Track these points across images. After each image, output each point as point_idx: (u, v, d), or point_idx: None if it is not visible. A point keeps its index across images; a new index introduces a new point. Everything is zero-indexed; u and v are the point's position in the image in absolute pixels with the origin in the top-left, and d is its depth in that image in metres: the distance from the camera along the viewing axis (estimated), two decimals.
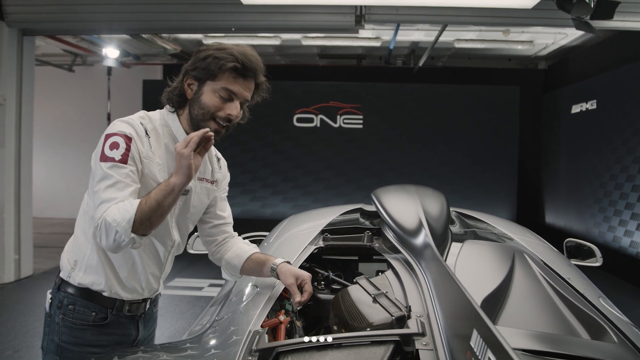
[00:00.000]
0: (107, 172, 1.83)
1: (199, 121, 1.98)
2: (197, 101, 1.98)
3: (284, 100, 11.46)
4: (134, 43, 10.58)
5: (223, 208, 2.38)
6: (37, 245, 8.21)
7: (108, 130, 1.91)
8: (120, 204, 1.79)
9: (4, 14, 7.04)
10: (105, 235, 1.79)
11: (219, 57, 1.92)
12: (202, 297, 6.72)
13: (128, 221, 1.76)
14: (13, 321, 5.73)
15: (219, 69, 1.92)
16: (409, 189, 2.87)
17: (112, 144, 1.85)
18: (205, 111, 1.96)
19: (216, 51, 1.94)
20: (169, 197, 1.83)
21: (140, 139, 1.92)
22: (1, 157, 7.20)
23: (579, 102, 9.78)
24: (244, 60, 1.94)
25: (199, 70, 1.95)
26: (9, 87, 7.20)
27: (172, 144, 2.03)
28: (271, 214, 11.44)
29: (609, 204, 8.54)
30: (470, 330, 1.37)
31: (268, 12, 6.76)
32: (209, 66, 1.93)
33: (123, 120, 1.94)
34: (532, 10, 5.93)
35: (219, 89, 1.95)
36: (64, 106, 13.31)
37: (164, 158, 2.01)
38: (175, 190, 1.83)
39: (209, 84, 1.95)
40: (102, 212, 1.79)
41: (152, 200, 1.80)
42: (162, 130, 2.03)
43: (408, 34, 9.60)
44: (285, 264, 2.16)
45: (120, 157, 1.84)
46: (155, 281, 2.18)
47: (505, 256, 2.18)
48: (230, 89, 1.95)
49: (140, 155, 1.91)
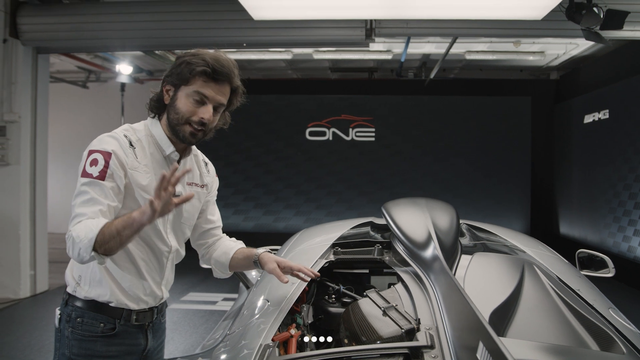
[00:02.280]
0: (84, 188, 1.90)
1: (175, 125, 2.05)
2: (173, 106, 2.04)
3: (297, 114, 11.51)
4: (147, 59, 10.68)
5: (213, 212, 2.44)
6: (53, 261, 8.25)
7: (92, 145, 1.98)
8: (88, 222, 1.83)
9: (18, 32, 7.14)
10: (71, 248, 1.84)
11: (190, 63, 1.98)
12: (215, 311, 6.73)
13: (89, 240, 1.79)
14: (28, 336, 5.77)
15: (189, 73, 1.98)
16: (419, 202, 2.88)
17: (92, 161, 1.92)
18: (180, 116, 2.02)
19: (190, 57, 2.00)
20: (128, 230, 1.82)
21: (124, 151, 1.98)
22: (17, 174, 7.28)
23: (591, 112, 9.75)
24: (214, 65, 1.98)
25: (174, 76, 2.02)
26: (24, 105, 7.29)
27: (157, 153, 2.11)
28: (284, 228, 11.45)
29: (623, 214, 8.49)
30: (476, 342, 1.38)
31: (279, 28, 6.81)
32: (182, 71, 1.99)
33: (107, 134, 2.02)
34: (542, 22, 5.93)
35: (192, 92, 2.00)
36: (78, 122, 13.39)
37: (151, 166, 2.07)
38: (134, 225, 1.81)
39: (183, 89, 2.01)
40: (72, 225, 1.85)
41: (113, 227, 1.82)
42: (147, 140, 2.10)
43: (419, 47, 9.62)
44: (267, 253, 2.25)
45: (98, 173, 1.90)
46: (157, 288, 2.20)
47: (515, 268, 2.19)
48: (202, 92, 2.00)
49: (125, 167, 1.96)
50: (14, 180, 7.29)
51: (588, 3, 5.41)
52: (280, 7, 5.88)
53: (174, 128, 2.06)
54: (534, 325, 1.81)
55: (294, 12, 6.07)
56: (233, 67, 2.06)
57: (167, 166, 2.12)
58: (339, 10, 6.01)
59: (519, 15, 5.89)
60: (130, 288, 2.09)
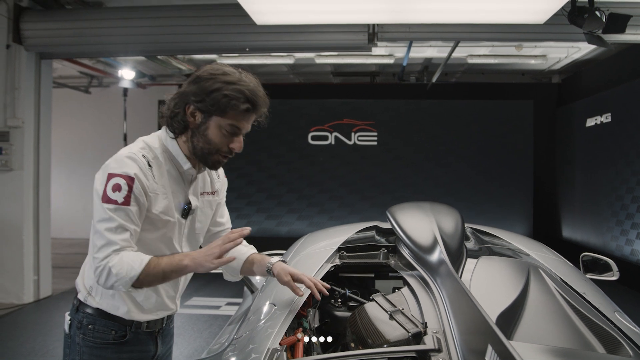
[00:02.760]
0: (109, 214, 1.85)
1: (204, 154, 2.01)
2: (203, 135, 1.98)
3: (299, 118, 11.51)
4: (150, 64, 10.69)
5: (222, 214, 2.43)
6: (56, 266, 8.27)
7: (110, 167, 1.92)
8: (128, 258, 1.84)
9: (21, 38, 7.16)
10: (104, 278, 1.85)
11: (229, 96, 1.90)
12: (219, 316, 6.73)
13: (131, 278, 1.82)
14: (32, 341, 5.78)
15: (227, 106, 1.92)
16: (424, 206, 2.89)
17: (115, 186, 1.87)
18: (212, 146, 1.99)
19: (224, 85, 1.91)
20: (176, 274, 1.91)
21: (145, 174, 1.93)
22: (20, 179, 7.29)
23: (593, 116, 9.75)
24: (255, 99, 1.94)
25: (206, 104, 1.93)
26: (27, 110, 7.31)
27: (173, 169, 2.07)
28: (287, 232, 11.45)
29: (626, 217, 8.49)
30: (485, 345, 1.39)
31: (281, 32, 6.82)
32: (219, 103, 1.91)
33: (126, 155, 1.93)
34: (544, 26, 5.94)
35: (227, 125, 1.95)
36: (80, 127, 13.43)
37: (167, 185, 2.04)
38: (184, 272, 1.92)
39: (216, 119, 1.95)
40: (105, 255, 1.84)
41: (160, 269, 1.86)
42: (163, 157, 2.04)
43: (421, 51, 9.62)
44: (280, 262, 2.23)
45: (123, 199, 1.86)
46: (171, 302, 2.22)
47: (520, 272, 2.20)
48: (238, 126, 1.97)
49: (146, 191, 1.93)
50: (18, 186, 7.30)
51: (590, 7, 5.41)
52: (283, 11, 5.89)
53: (202, 156, 2.03)
54: (541, 329, 1.82)
55: (297, 16, 6.08)
56: (266, 97, 2.02)
57: (184, 181, 2.11)
58: (342, 14, 6.01)
59: (522, 19, 5.90)
60: (143, 302, 2.09)
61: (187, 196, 2.12)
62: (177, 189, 2.07)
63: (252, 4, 5.61)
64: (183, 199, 2.10)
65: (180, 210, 2.09)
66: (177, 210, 2.08)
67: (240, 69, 2.02)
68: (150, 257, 1.87)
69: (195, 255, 1.90)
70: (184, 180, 2.11)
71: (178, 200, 2.08)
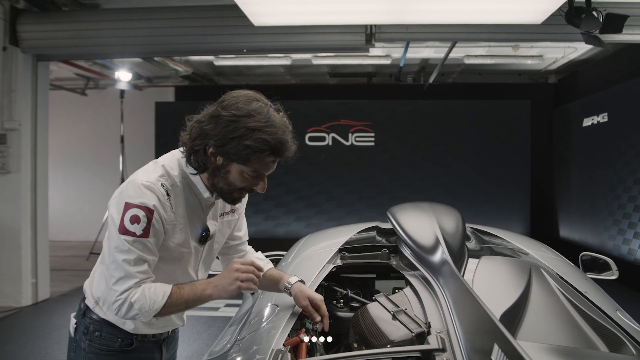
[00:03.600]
0: (127, 246, 1.80)
1: (224, 193, 1.94)
2: (224, 178, 1.89)
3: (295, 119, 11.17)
4: (146, 66, 10.69)
5: (239, 227, 2.38)
6: (54, 269, 8.26)
7: (129, 197, 1.83)
8: (150, 292, 1.82)
9: (18, 40, 7.14)
10: (125, 311, 1.82)
11: (252, 147, 1.78)
12: (218, 318, 6.72)
13: (155, 310, 1.82)
14: (31, 344, 5.76)
15: (253, 158, 1.81)
16: (424, 206, 2.89)
17: (133, 217, 1.80)
18: (232, 187, 1.91)
19: (248, 132, 1.77)
20: (199, 302, 1.88)
21: (164, 207, 1.86)
22: (17, 182, 7.28)
23: (590, 115, 9.77)
24: (281, 149, 1.84)
25: (227, 150, 1.80)
26: (24, 112, 7.28)
27: (192, 197, 1.98)
28: (284, 233, 11.44)
29: (623, 217, 8.51)
30: (490, 345, 1.39)
31: (279, 33, 6.81)
32: (240, 153, 1.79)
33: (145, 184, 1.84)
34: (541, 26, 5.94)
35: (249, 171, 1.86)
36: (77, 130, 13.40)
37: (185, 214, 1.97)
38: (209, 299, 1.88)
39: (238, 166, 1.85)
40: (125, 289, 1.81)
41: (183, 300, 1.85)
42: (182, 184, 1.95)
43: (418, 51, 9.64)
44: (299, 283, 2.18)
45: (142, 232, 1.81)
46: (178, 319, 2.22)
47: (522, 271, 2.20)
48: (262, 172, 1.89)
49: (164, 223, 1.87)
50: (15, 188, 7.28)
51: (587, 7, 5.43)
52: (281, 13, 5.89)
53: (222, 194, 1.96)
54: (544, 328, 1.82)
55: (295, 17, 6.08)
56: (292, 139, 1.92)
57: (202, 208, 2.03)
58: (340, 15, 6.01)
59: (519, 19, 5.91)
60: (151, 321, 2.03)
61: (205, 222, 2.07)
62: (194, 217, 2.01)
63: (250, 5, 5.61)
64: (201, 226, 2.05)
65: (197, 237, 2.05)
66: (194, 238, 2.03)
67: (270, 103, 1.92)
68: (172, 288, 1.85)
69: (216, 282, 1.86)
70: (203, 207, 2.04)
71: (196, 229, 2.03)
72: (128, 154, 11.04)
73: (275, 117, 1.85)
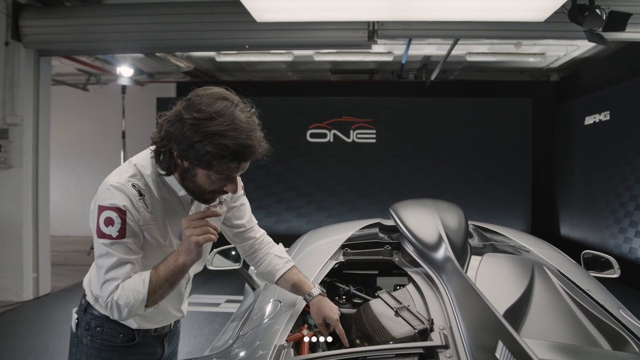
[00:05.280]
0: (106, 249, 1.79)
1: (195, 195, 1.89)
2: (192, 180, 1.83)
3: (297, 116, 11.50)
4: (148, 61, 10.67)
5: (239, 216, 2.33)
6: (55, 264, 8.27)
7: (101, 199, 1.81)
8: (129, 284, 1.79)
9: (20, 35, 7.14)
10: (117, 313, 1.81)
11: (211, 153, 1.69)
12: (219, 313, 6.73)
13: (141, 301, 1.79)
14: (33, 339, 5.77)
15: (215, 163, 1.73)
16: (427, 203, 2.89)
17: (107, 220, 1.78)
18: (202, 190, 1.85)
19: (208, 138, 1.67)
20: (180, 275, 1.83)
21: (136, 208, 1.82)
22: (19, 177, 7.28)
23: (592, 114, 9.76)
24: (243, 154, 1.73)
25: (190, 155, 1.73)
26: (26, 107, 7.29)
27: (169, 195, 1.94)
28: (285, 230, 11.44)
29: (624, 215, 8.50)
30: (495, 342, 1.39)
31: (282, 30, 6.81)
32: (201, 158, 1.71)
33: (115, 185, 1.82)
34: (544, 24, 5.93)
35: (215, 175, 1.78)
36: (78, 125, 13.39)
37: (162, 213, 1.93)
38: (185, 268, 1.82)
39: (203, 170, 1.78)
40: (109, 292, 1.80)
41: (162, 279, 1.81)
42: (156, 183, 1.91)
43: (420, 48, 9.62)
44: (320, 297, 2.12)
45: (118, 233, 1.78)
46: (176, 311, 2.21)
47: (525, 268, 2.20)
48: (229, 174, 1.80)
49: (138, 224, 1.84)
50: (17, 183, 7.29)
51: (591, 5, 5.42)
52: (284, 9, 5.89)
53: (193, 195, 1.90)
54: (546, 326, 1.82)
55: (297, 14, 6.07)
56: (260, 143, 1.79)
57: (181, 203, 1.99)
58: (342, 12, 6.01)
59: (522, 17, 5.90)
60: (150, 314, 2.03)
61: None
62: (174, 215, 1.97)
63: (252, 1, 5.60)
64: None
65: (179, 234, 1.98)
66: (176, 236, 2.00)
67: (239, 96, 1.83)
68: (149, 273, 1.82)
69: (180, 249, 1.81)
70: (183, 203, 2.00)
71: (177, 226, 1.96)
72: (129, 149, 11.03)
73: (241, 119, 1.71)
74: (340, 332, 2.04)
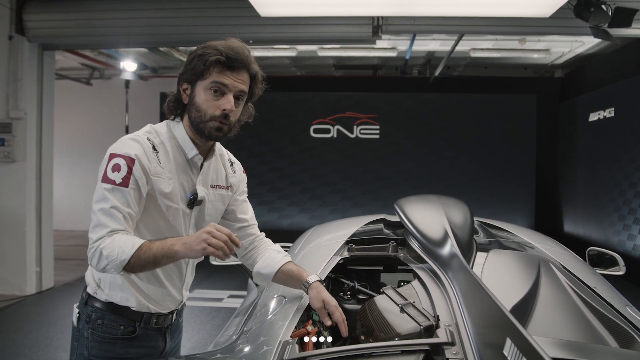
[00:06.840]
0: (105, 194, 1.85)
1: (198, 124, 1.98)
2: (193, 104, 1.97)
3: (301, 111, 11.50)
4: (151, 56, 10.67)
5: (244, 210, 2.37)
6: (58, 258, 8.27)
7: (114, 148, 1.94)
8: (120, 241, 1.81)
9: (24, 29, 7.14)
10: (96, 260, 1.82)
11: (203, 55, 1.90)
12: (222, 308, 6.73)
13: (122, 261, 1.78)
14: (36, 332, 5.78)
15: (203, 65, 1.90)
16: (432, 198, 2.88)
17: (115, 166, 1.87)
18: (202, 113, 1.95)
19: (202, 49, 1.93)
20: (167, 259, 1.84)
21: (148, 157, 1.92)
22: (22, 171, 7.29)
23: (596, 110, 9.73)
24: (228, 52, 1.90)
25: (189, 72, 1.95)
26: (29, 102, 7.30)
27: (180, 156, 2.04)
28: (288, 225, 11.44)
29: (628, 212, 8.48)
30: (502, 339, 1.37)
31: (286, 24, 6.79)
32: (196, 65, 1.92)
33: (130, 137, 1.96)
34: (549, 19, 5.91)
35: (209, 84, 1.92)
36: (82, 119, 13.41)
37: (174, 171, 2.01)
38: (175, 258, 1.84)
39: (200, 84, 1.94)
40: (98, 237, 1.82)
41: (151, 254, 1.81)
42: (170, 143, 2.03)
43: (424, 44, 9.61)
44: (317, 283, 2.11)
45: (121, 180, 1.86)
46: (177, 293, 2.19)
47: (531, 265, 2.18)
48: (220, 82, 1.92)
49: (147, 174, 1.91)
50: (20, 177, 7.30)
51: (596, 0, 5.40)
52: (288, 4, 5.88)
53: (198, 127, 1.98)
54: (553, 323, 1.81)
55: (302, 9, 6.06)
56: (248, 52, 1.99)
57: (191, 169, 2.08)
58: (346, 7, 6.00)
59: (527, 12, 5.88)
60: (150, 292, 2.08)
61: (195, 186, 2.08)
62: (184, 177, 2.04)
63: None
64: (189, 189, 2.07)
65: (186, 200, 2.06)
66: (182, 199, 2.04)
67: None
68: (143, 242, 1.83)
69: (185, 240, 1.82)
70: (192, 168, 2.08)
71: (184, 189, 2.05)
72: None
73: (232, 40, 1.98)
74: (339, 320, 2.01)
